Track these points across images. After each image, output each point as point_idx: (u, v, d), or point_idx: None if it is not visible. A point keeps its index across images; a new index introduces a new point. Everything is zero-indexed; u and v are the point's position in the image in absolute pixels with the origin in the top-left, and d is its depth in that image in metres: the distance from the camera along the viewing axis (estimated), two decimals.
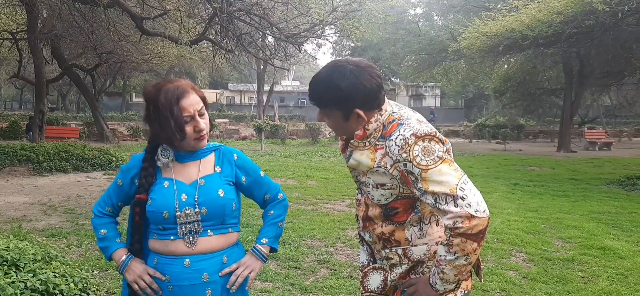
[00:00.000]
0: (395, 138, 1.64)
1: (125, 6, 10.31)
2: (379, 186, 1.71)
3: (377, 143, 1.70)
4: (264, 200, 2.00)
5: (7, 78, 28.13)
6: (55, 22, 13.61)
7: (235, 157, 1.94)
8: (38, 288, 2.85)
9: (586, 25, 13.15)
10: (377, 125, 1.71)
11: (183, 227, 1.80)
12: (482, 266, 1.87)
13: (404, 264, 1.75)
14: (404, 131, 1.64)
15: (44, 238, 4.68)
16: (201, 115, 1.82)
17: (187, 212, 1.79)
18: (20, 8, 13.55)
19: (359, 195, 1.86)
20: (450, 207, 1.54)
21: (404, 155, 1.60)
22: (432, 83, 46.98)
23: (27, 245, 3.46)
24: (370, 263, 1.84)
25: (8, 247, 3.20)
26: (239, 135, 26.74)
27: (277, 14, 11.17)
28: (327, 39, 13.63)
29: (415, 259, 1.73)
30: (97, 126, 22.49)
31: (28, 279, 2.86)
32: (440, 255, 1.60)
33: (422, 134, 1.61)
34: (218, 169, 1.89)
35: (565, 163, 16.09)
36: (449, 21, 25.27)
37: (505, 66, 25.68)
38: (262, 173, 1.99)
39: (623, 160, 17.57)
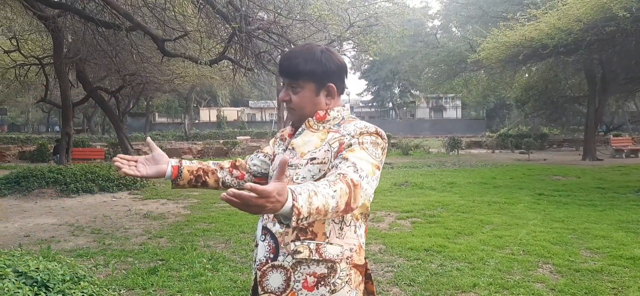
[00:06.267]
0: (357, 124, 1.72)
1: (147, 29, 10.53)
2: (310, 161, 1.71)
3: (332, 127, 1.76)
4: None
5: (35, 103, 28.88)
6: (80, 47, 13.96)
7: None
8: None
9: (607, 32, 12.98)
10: (338, 114, 1.79)
11: None
12: (371, 276, 1.82)
13: (313, 262, 1.65)
14: (367, 125, 1.72)
15: (72, 258, 4.76)
16: None
17: None
18: (46, 34, 13.94)
19: None
20: (350, 172, 1.49)
21: (358, 136, 1.66)
22: (453, 95, 46.70)
23: (56, 265, 3.54)
24: (269, 261, 1.70)
25: (38, 268, 3.28)
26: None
27: (295, 31, 11.26)
28: (345, 54, 13.68)
29: (327, 258, 1.65)
30: (121, 147, 22.86)
31: None
32: (318, 184, 1.39)
33: (382, 135, 1.70)
34: None
35: (591, 171, 15.78)
36: (467, 32, 25.15)
37: (526, 75, 25.41)
38: None
39: None
